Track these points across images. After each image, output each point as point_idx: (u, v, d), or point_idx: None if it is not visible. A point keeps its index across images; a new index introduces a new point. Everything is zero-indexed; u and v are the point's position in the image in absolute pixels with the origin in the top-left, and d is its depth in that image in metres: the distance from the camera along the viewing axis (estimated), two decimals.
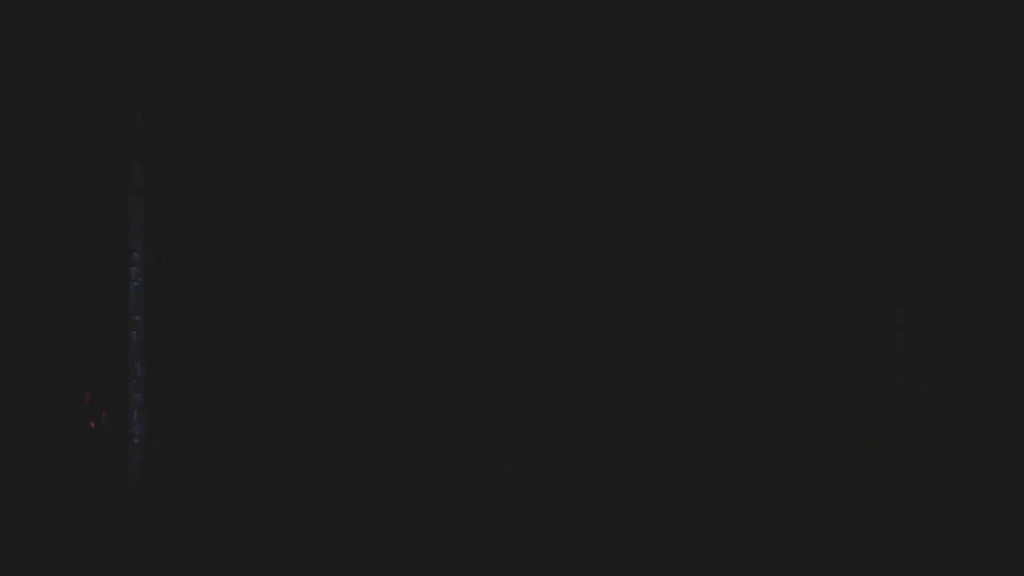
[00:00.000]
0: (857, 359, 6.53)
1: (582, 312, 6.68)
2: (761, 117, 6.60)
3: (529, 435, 6.66)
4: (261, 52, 6.72)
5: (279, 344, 6.78)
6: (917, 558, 5.84)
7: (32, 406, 6.53)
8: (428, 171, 6.74)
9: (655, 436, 6.61)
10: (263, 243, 6.79)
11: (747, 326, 6.59)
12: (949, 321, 6.44)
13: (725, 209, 6.62)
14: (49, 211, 6.42)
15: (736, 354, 6.59)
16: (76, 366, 6.48)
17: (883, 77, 6.51)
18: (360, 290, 6.77)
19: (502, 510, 6.64)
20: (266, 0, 6.64)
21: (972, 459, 6.40)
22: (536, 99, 6.70)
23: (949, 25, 6.42)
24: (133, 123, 6.46)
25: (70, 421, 6.49)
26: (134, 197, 6.48)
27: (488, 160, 6.73)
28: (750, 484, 6.54)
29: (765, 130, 6.60)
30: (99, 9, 6.33)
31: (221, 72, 6.76)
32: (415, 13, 6.64)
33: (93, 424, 5.58)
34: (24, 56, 6.39)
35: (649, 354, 6.64)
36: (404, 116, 6.73)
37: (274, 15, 6.66)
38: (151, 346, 6.69)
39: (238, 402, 6.79)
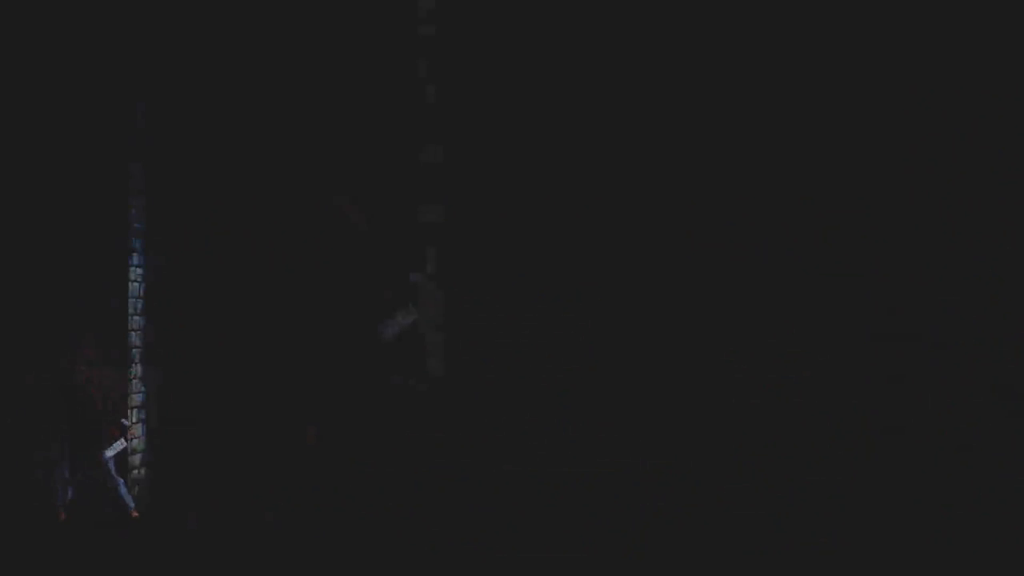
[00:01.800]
0: (857, 359, 6.53)
1: (582, 312, 6.68)
2: (761, 117, 6.60)
3: (529, 435, 6.66)
4: (260, 51, 6.72)
5: (279, 344, 6.78)
6: (917, 558, 5.84)
7: (31, 406, 6.53)
8: (428, 171, 6.74)
9: (655, 436, 6.61)
10: (263, 243, 6.79)
11: (747, 326, 6.59)
12: (949, 321, 6.44)
13: (725, 209, 6.62)
14: (49, 211, 6.42)
15: (736, 354, 6.59)
16: (75, 366, 6.48)
17: (883, 77, 6.51)
18: (360, 290, 6.76)
19: (502, 510, 6.65)
20: (266, 0, 6.64)
21: (972, 459, 6.40)
22: (536, 99, 6.70)
23: (949, 25, 6.42)
24: (133, 122, 6.46)
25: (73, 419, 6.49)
26: (134, 197, 6.48)
27: (488, 160, 6.73)
28: (750, 484, 6.54)
29: (765, 130, 6.60)
30: (99, 9, 6.34)
31: (220, 71, 6.76)
32: (414, 13, 6.64)
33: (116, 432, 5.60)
34: (24, 56, 6.39)
35: (649, 354, 6.64)
36: (404, 116, 6.73)
37: (273, 15, 6.66)
38: (151, 346, 6.69)
39: (238, 402, 6.79)
